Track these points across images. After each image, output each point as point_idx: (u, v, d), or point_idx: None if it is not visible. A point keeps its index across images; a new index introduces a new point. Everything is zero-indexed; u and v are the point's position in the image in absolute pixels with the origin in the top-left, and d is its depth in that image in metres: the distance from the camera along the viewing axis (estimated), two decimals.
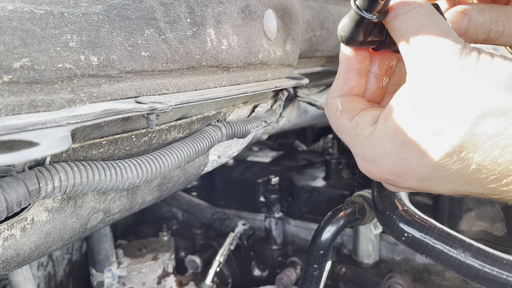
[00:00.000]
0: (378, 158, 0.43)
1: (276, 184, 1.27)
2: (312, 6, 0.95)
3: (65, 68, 0.40)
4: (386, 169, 0.43)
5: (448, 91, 0.38)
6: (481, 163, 0.37)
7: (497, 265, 0.61)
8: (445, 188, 0.42)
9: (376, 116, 0.45)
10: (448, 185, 0.41)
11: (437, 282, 1.07)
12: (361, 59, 0.48)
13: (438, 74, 0.39)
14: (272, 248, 1.28)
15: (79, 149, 0.48)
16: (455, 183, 0.41)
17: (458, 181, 0.40)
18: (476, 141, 0.37)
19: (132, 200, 0.61)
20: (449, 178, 0.40)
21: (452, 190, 0.42)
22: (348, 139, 0.47)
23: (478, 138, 0.37)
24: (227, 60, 0.62)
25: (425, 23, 0.40)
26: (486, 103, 0.36)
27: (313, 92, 1.27)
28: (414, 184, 0.43)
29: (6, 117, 0.34)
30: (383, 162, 0.43)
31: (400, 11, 0.42)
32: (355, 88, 0.49)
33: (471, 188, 0.41)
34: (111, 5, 0.46)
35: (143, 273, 1.13)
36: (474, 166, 0.38)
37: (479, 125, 0.36)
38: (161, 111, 0.47)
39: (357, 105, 0.48)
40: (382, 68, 0.50)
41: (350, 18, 0.44)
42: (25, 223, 0.44)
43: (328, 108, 0.50)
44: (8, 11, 0.36)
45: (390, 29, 0.43)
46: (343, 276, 1.16)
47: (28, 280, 0.66)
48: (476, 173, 0.38)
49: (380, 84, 0.51)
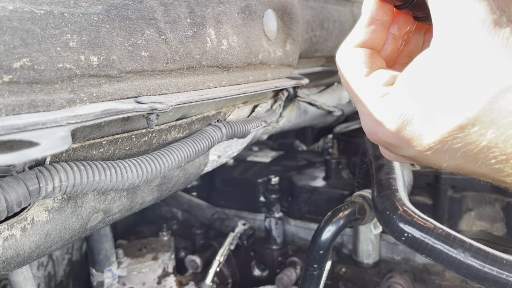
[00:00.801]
0: (386, 120, 0.41)
1: (276, 184, 1.27)
2: (312, 6, 0.95)
3: (65, 68, 0.40)
4: (392, 133, 0.41)
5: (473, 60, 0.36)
6: (493, 141, 0.35)
7: (497, 265, 0.61)
8: (449, 162, 0.40)
9: (393, 77, 0.43)
10: (453, 160, 0.39)
11: (437, 282, 1.07)
12: (386, 10, 0.46)
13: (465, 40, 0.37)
14: (272, 248, 1.28)
15: (79, 149, 0.48)
16: (461, 159, 0.39)
17: (464, 157, 0.38)
18: (493, 116, 0.35)
19: (132, 200, 0.61)
20: (455, 153, 0.38)
21: (455, 166, 0.40)
22: (360, 92, 0.44)
23: (497, 114, 0.35)
24: (227, 60, 0.62)
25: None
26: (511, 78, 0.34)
27: (313, 92, 1.27)
28: (417, 154, 0.41)
29: (6, 117, 0.34)
30: (390, 125, 0.41)
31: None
32: (376, 40, 0.47)
33: (476, 167, 0.39)
34: (111, 5, 0.46)
35: (143, 273, 1.13)
36: (485, 143, 0.36)
37: (500, 100, 0.35)
38: (161, 111, 0.47)
39: (375, 61, 0.46)
40: (401, 31, 0.48)
41: None
42: (25, 223, 0.44)
43: (344, 57, 0.47)
44: (8, 11, 0.36)
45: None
46: (343, 276, 1.16)
47: (28, 280, 0.66)
48: (485, 151, 0.36)
49: (397, 47, 0.49)
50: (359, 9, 1.23)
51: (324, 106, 1.12)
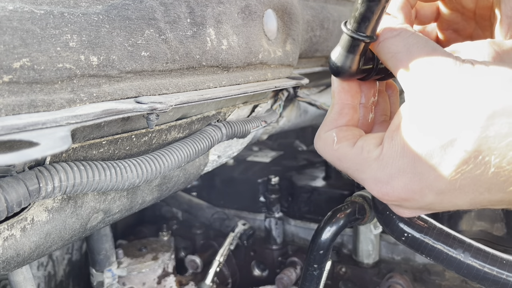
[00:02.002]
0: (392, 178, 0.42)
1: (276, 184, 1.27)
2: (312, 6, 0.95)
3: (65, 68, 0.40)
4: (402, 187, 0.41)
5: (451, 98, 0.37)
6: (499, 165, 0.36)
7: (497, 265, 0.61)
8: (464, 199, 0.40)
9: (379, 138, 0.44)
10: (467, 195, 0.39)
11: (437, 282, 1.07)
12: (354, 93, 0.49)
13: (438, 84, 0.38)
14: (272, 248, 1.28)
15: (79, 149, 0.48)
16: (474, 192, 0.39)
17: (477, 189, 0.38)
18: (490, 143, 0.36)
19: (132, 200, 0.61)
20: (468, 187, 0.39)
21: (471, 201, 0.40)
22: (354, 165, 0.45)
23: (492, 140, 0.36)
24: (227, 60, 0.62)
25: (415, 43, 0.41)
26: (494, 103, 0.35)
27: (313, 92, 1.27)
28: (432, 200, 0.41)
29: (6, 117, 0.34)
30: (398, 180, 0.41)
31: (388, 35, 0.43)
32: (349, 122, 0.49)
33: (491, 195, 0.39)
34: (111, 5, 0.46)
35: (143, 273, 1.13)
36: (493, 169, 0.36)
37: (490, 126, 0.35)
38: (161, 111, 0.47)
39: (354, 132, 0.47)
40: (368, 98, 0.51)
41: (342, 45, 0.45)
42: (25, 223, 0.44)
43: (321, 142, 0.49)
44: (8, 11, 0.36)
45: (380, 53, 0.44)
46: (343, 276, 1.16)
47: (28, 280, 0.66)
48: (495, 177, 0.37)
49: (369, 114, 0.51)
50: None
51: (324, 106, 1.12)
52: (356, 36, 0.43)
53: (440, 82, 0.38)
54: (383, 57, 0.44)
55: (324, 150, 0.48)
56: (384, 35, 0.44)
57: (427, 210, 0.45)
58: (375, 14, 0.41)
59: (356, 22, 0.43)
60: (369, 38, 0.43)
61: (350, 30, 0.43)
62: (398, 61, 0.42)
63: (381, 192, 0.43)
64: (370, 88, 0.51)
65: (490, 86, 0.36)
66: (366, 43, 0.44)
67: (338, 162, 0.47)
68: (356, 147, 0.45)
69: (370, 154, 0.43)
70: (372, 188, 0.44)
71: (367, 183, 0.45)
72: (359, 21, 0.42)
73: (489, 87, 0.36)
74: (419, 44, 0.41)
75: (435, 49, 0.40)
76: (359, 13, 0.42)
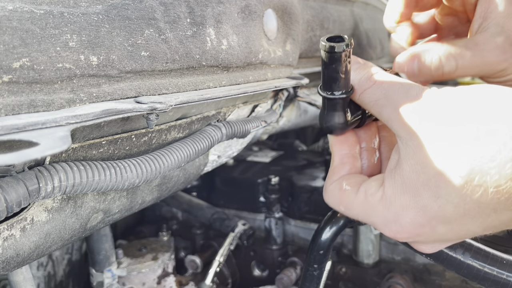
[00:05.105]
0: (398, 216, 0.42)
1: (276, 184, 1.26)
2: (312, 6, 0.94)
3: (65, 68, 0.40)
4: (409, 223, 0.42)
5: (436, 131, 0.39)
6: (497, 183, 0.36)
7: (497, 265, 0.61)
8: (474, 224, 0.41)
9: (380, 179, 0.45)
10: (476, 219, 0.40)
11: (437, 282, 1.07)
12: (351, 143, 0.51)
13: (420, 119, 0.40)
14: (272, 248, 1.27)
15: (79, 149, 0.48)
16: (482, 215, 0.39)
17: (483, 211, 0.39)
18: (481, 164, 0.36)
19: (132, 200, 0.61)
20: (474, 212, 0.39)
21: (481, 224, 0.41)
22: (362, 211, 0.46)
23: (481, 160, 0.36)
24: (227, 60, 0.62)
25: (390, 87, 0.44)
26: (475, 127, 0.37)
27: (313, 92, 1.27)
28: (444, 231, 0.42)
29: (6, 117, 0.34)
30: (404, 217, 0.42)
31: (365, 86, 0.45)
32: (351, 170, 0.50)
33: (499, 215, 0.39)
34: (111, 5, 0.46)
35: (143, 273, 1.13)
36: (492, 189, 0.37)
37: (476, 147, 0.37)
38: (161, 111, 0.47)
39: (357, 179, 0.48)
40: (369, 141, 0.52)
41: (324, 106, 0.47)
42: (25, 223, 0.44)
43: (328, 195, 0.50)
44: (8, 11, 0.36)
45: (362, 103, 0.47)
46: (343, 276, 1.16)
47: (28, 280, 0.66)
48: (496, 196, 0.37)
49: (374, 155, 0.52)
50: (359, 9, 1.23)
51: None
52: (332, 96, 0.45)
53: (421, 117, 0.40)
54: (366, 106, 0.46)
55: (332, 202, 0.50)
56: (362, 86, 0.46)
57: (444, 242, 0.46)
58: (341, 73, 0.44)
59: (327, 84, 0.45)
60: (345, 93, 0.45)
61: (325, 92, 0.46)
62: (380, 107, 0.44)
63: (392, 232, 0.44)
64: (367, 131, 0.52)
65: (477, 108, 0.38)
66: (343, 99, 0.46)
67: (347, 211, 0.48)
68: (360, 193, 0.46)
69: (374, 197, 0.44)
70: (383, 229, 0.45)
71: (377, 225, 0.45)
72: (330, 83, 0.45)
73: (476, 109, 0.38)
74: (394, 87, 0.43)
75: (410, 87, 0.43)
76: (327, 76, 0.45)
